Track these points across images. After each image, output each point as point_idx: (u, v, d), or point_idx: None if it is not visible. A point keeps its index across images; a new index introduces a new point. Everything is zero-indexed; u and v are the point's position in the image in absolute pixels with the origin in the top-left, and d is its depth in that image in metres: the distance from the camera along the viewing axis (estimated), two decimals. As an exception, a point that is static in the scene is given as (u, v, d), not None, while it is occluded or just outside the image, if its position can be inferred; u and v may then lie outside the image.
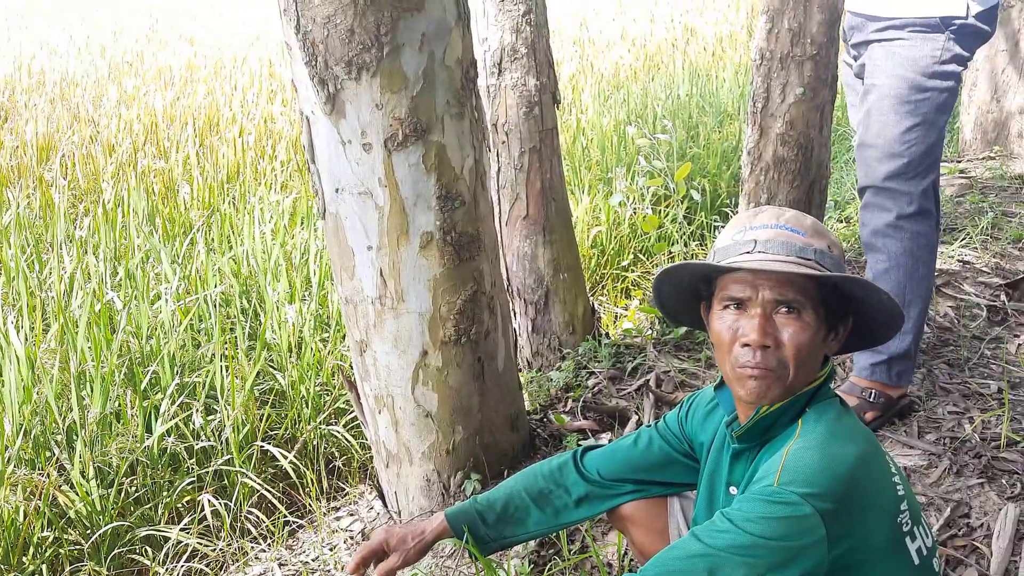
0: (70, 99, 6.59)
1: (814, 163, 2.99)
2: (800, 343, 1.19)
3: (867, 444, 1.19)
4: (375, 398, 2.14)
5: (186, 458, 2.58)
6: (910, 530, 1.19)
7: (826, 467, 1.12)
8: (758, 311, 1.20)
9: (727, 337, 1.23)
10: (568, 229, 2.99)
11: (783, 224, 1.23)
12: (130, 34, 10.23)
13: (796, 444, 1.17)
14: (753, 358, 1.20)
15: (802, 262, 1.20)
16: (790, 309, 1.20)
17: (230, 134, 5.57)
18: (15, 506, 2.27)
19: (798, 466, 1.12)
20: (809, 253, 1.21)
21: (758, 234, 1.23)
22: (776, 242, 1.21)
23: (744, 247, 1.23)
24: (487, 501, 1.51)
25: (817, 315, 1.21)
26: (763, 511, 1.10)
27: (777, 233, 1.22)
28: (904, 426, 2.37)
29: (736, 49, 8.69)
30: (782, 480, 1.11)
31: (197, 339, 3.03)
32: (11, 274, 3.38)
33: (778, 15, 2.82)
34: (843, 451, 1.15)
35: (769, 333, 1.19)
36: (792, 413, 1.23)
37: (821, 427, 1.19)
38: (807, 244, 1.22)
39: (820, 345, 1.23)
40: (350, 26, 1.73)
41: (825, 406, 1.23)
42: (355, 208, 1.91)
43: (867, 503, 1.13)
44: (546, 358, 2.99)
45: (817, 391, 1.24)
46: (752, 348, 1.20)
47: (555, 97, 2.84)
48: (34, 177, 4.87)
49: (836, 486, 1.10)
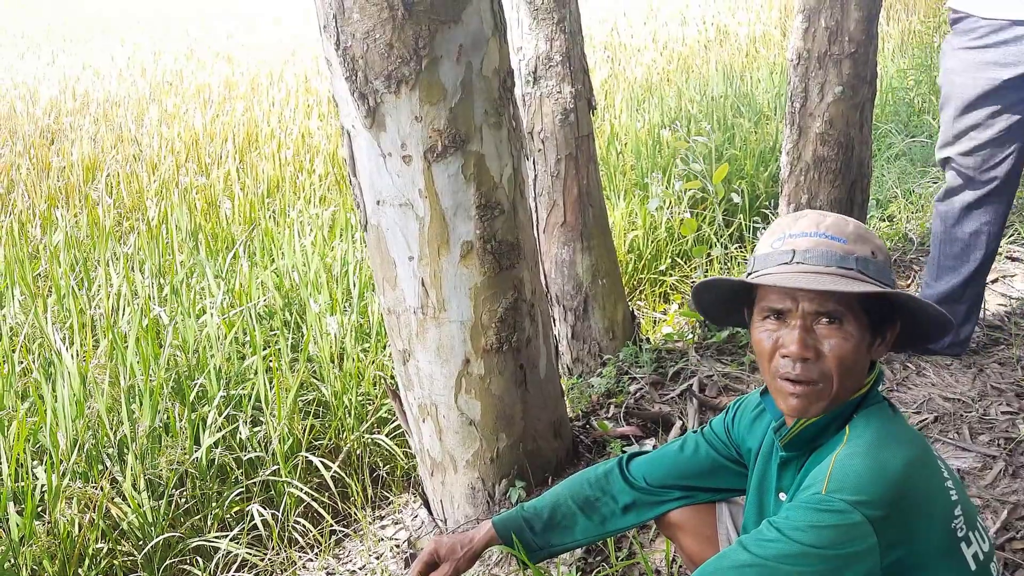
0: (113, 120, 6.76)
1: (855, 162, 2.95)
2: (843, 354, 1.17)
3: (918, 449, 1.17)
4: (419, 407, 2.16)
5: (234, 469, 2.62)
6: (965, 535, 1.16)
7: (875, 473, 1.10)
8: (798, 322, 1.18)
9: (768, 347, 1.21)
10: (606, 235, 2.98)
11: (823, 232, 1.20)
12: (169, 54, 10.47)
13: (844, 451, 1.15)
14: (793, 369, 1.18)
15: (842, 272, 1.17)
16: (831, 320, 1.18)
17: (269, 149, 5.66)
18: (70, 519, 2.33)
19: (846, 473, 1.11)
20: (850, 262, 1.18)
21: (797, 243, 1.21)
22: (816, 252, 1.19)
23: (783, 256, 1.21)
24: (534, 509, 1.51)
25: (860, 324, 1.18)
26: (812, 520, 1.08)
27: (817, 242, 1.19)
28: (955, 428, 2.32)
29: (770, 49, 8.61)
30: (830, 488, 1.10)
31: (242, 352, 3.08)
32: (61, 292, 3.47)
33: (815, 14, 2.79)
34: (892, 457, 1.13)
35: (810, 345, 1.17)
36: (840, 420, 1.22)
37: (870, 433, 1.17)
38: (848, 252, 1.18)
39: (865, 353, 1.20)
40: (389, 40, 1.76)
41: (874, 411, 1.21)
42: (396, 219, 1.93)
43: (918, 509, 1.11)
44: (586, 364, 2.98)
45: (866, 397, 1.22)
46: (792, 360, 1.18)
47: (590, 103, 2.84)
48: (81, 197, 5.00)
49: (886, 492, 1.08)
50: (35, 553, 2.23)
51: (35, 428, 2.57)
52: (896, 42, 8.65)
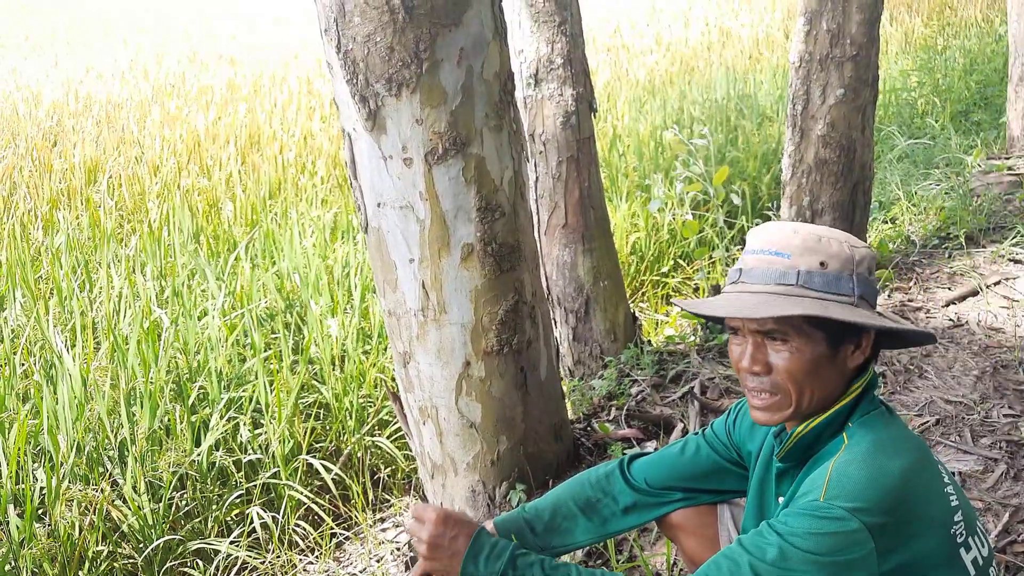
0: (116, 122, 6.77)
1: (857, 164, 2.94)
2: (791, 368, 1.18)
3: (916, 454, 1.16)
4: (419, 409, 2.16)
5: (234, 472, 2.62)
6: (964, 541, 1.16)
7: (873, 480, 1.10)
8: (749, 339, 1.21)
9: (735, 359, 1.24)
10: (607, 237, 2.98)
11: (767, 248, 1.21)
12: (172, 56, 10.48)
13: (842, 458, 1.15)
14: (751, 382, 1.21)
15: (780, 290, 1.17)
16: (774, 337, 1.19)
17: (271, 151, 5.67)
18: (71, 521, 2.33)
19: (844, 480, 1.11)
20: (790, 277, 1.18)
21: (746, 260, 1.23)
22: (757, 271, 1.20)
23: (733, 275, 1.24)
24: (535, 510, 1.51)
25: (811, 338, 1.17)
26: (810, 526, 1.08)
27: (759, 260, 1.21)
28: (957, 431, 2.31)
29: (773, 51, 8.61)
30: (828, 494, 1.10)
31: (243, 354, 3.08)
32: (63, 294, 3.47)
33: (816, 16, 2.79)
34: (890, 463, 1.12)
35: (759, 360, 1.19)
36: (834, 427, 1.21)
37: (867, 440, 1.17)
38: (790, 267, 1.18)
39: (828, 364, 1.19)
40: (390, 44, 1.76)
41: (872, 417, 1.20)
42: (397, 222, 1.93)
43: (917, 515, 1.11)
44: (588, 366, 2.98)
45: (858, 403, 1.21)
46: (747, 373, 1.21)
47: (591, 106, 2.84)
48: (83, 199, 5.01)
49: (884, 499, 1.08)
50: (35, 555, 2.23)
51: (36, 430, 2.57)
52: (899, 44, 8.65)
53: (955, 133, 5.61)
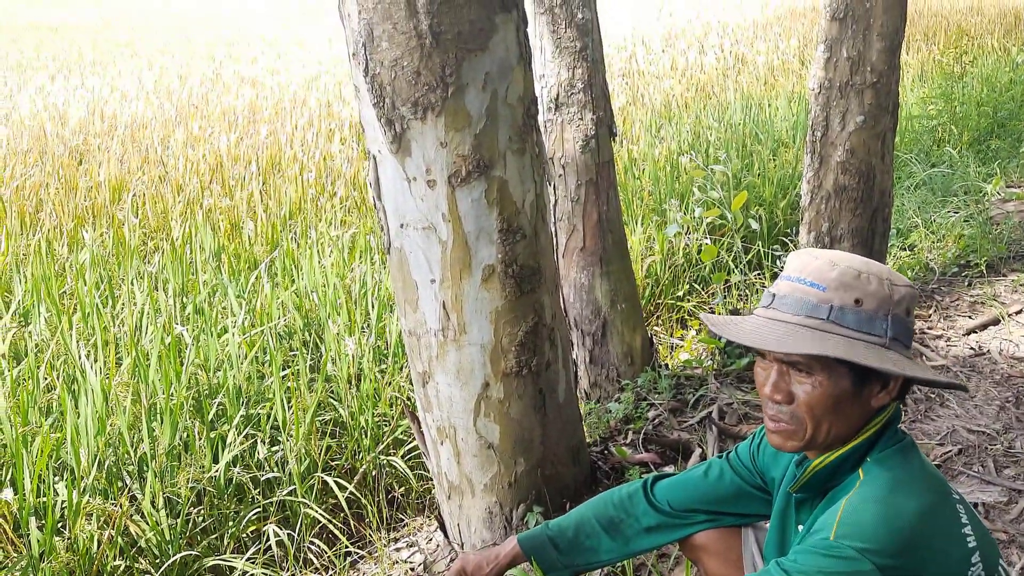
0: (140, 141, 6.87)
1: (876, 191, 2.95)
2: (812, 402, 1.16)
3: (933, 495, 1.14)
4: (437, 429, 2.16)
5: (251, 488, 2.63)
6: None
7: (886, 521, 1.08)
8: (773, 366, 1.20)
9: (759, 382, 1.23)
10: (625, 260, 2.99)
11: (803, 277, 1.18)
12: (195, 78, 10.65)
13: (855, 496, 1.14)
14: (770, 409, 1.21)
15: (810, 323, 1.15)
16: (799, 369, 1.17)
17: (291, 172, 5.73)
18: (90, 535, 2.34)
19: (856, 520, 1.10)
20: (822, 312, 1.15)
21: (780, 286, 1.21)
22: (790, 299, 1.18)
23: (766, 299, 1.22)
24: (558, 527, 1.52)
25: (836, 373, 1.15)
26: (820, 565, 1.07)
27: (794, 288, 1.19)
28: (980, 461, 2.29)
29: (788, 77, 8.64)
30: (839, 533, 1.09)
31: (262, 371, 3.10)
32: (86, 310, 3.51)
33: (836, 44, 2.81)
34: (905, 503, 1.11)
35: (782, 389, 1.18)
36: (852, 462, 1.20)
37: (883, 478, 1.15)
38: (824, 301, 1.16)
39: (851, 400, 1.17)
40: (416, 68, 1.79)
41: (890, 454, 1.18)
42: (419, 243, 1.95)
43: (930, 558, 1.09)
44: (604, 389, 2.98)
45: (878, 438, 1.20)
46: (767, 399, 1.20)
47: (611, 130, 2.87)
48: (107, 216, 5.08)
49: (896, 540, 1.07)
50: (55, 569, 2.24)
51: (58, 444, 2.59)
52: (916, 71, 8.66)
53: (973, 161, 5.60)
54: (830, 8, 2.82)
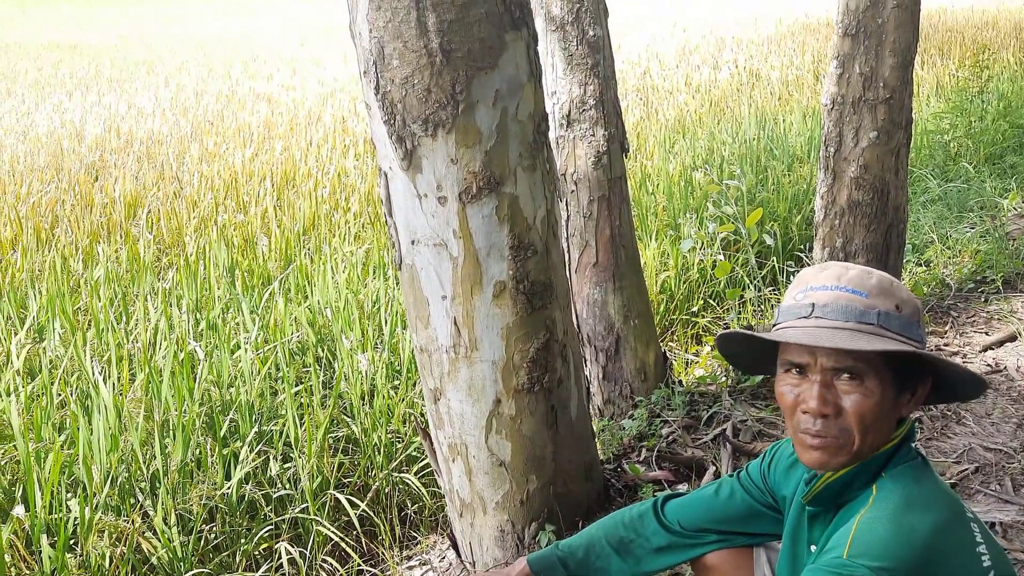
0: (156, 157, 6.94)
1: (890, 207, 2.93)
2: (863, 411, 1.14)
3: (947, 512, 1.13)
4: (449, 446, 2.15)
5: (263, 506, 2.63)
6: None
7: (899, 539, 1.07)
8: (817, 378, 1.16)
9: (790, 401, 1.20)
10: (638, 275, 2.98)
11: (844, 286, 1.18)
12: (211, 94, 10.76)
13: (868, 513, 1.12)
14: (813, 426, 1.16)
15: (861, 328, 1.15)
16: (851, 376, 1.15)
17: (306, 188, 5.77)
18: (102, 552, 2.34)
19: (869, 538, 1.08)
20: (871, 317, 1.15)
21: (817, 296, 1.19)
22: (835, 306, 1.17)
23: (803, 310, 1.19)
24: (568, 547, 1.51)
25: (883, 380, 1.15)
26: None
27: (837, 296, 1.17)
28: (998, 479, 2.25)
29: (803, 92, 8.63)
30: (852, 552, 1.07)
31: (275, 387, 3.11)
32: (100, 326, 3.54)
33: (849, 60, 2.80)
34: (919, 521, 1.09)
35: (829, 401, 1.15)
36: (866, 477, 1.19)
37: (896, 495, 1.14)
38: (869, 307, 1.16)
39: (890, 409, 1.17)
40: (427, 85, 1.80)
41: (904, 470, 1.17)
42: (430, 259, 1.95)
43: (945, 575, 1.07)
44: (618, 406, 2.96)
45: (895, 453, 1.19)
46: (812, 416, 1.17)
47: (623, 146, 2.87)
48: (122, 232, 5.12)
49: (909, 559, 1.05)
50: (66, 585, 2.24)
51: (71, 460, 2.60)
52: (931, 86, 8.62)
53: (989, 176, 5.56)
54: (842, 24, 2.81)
